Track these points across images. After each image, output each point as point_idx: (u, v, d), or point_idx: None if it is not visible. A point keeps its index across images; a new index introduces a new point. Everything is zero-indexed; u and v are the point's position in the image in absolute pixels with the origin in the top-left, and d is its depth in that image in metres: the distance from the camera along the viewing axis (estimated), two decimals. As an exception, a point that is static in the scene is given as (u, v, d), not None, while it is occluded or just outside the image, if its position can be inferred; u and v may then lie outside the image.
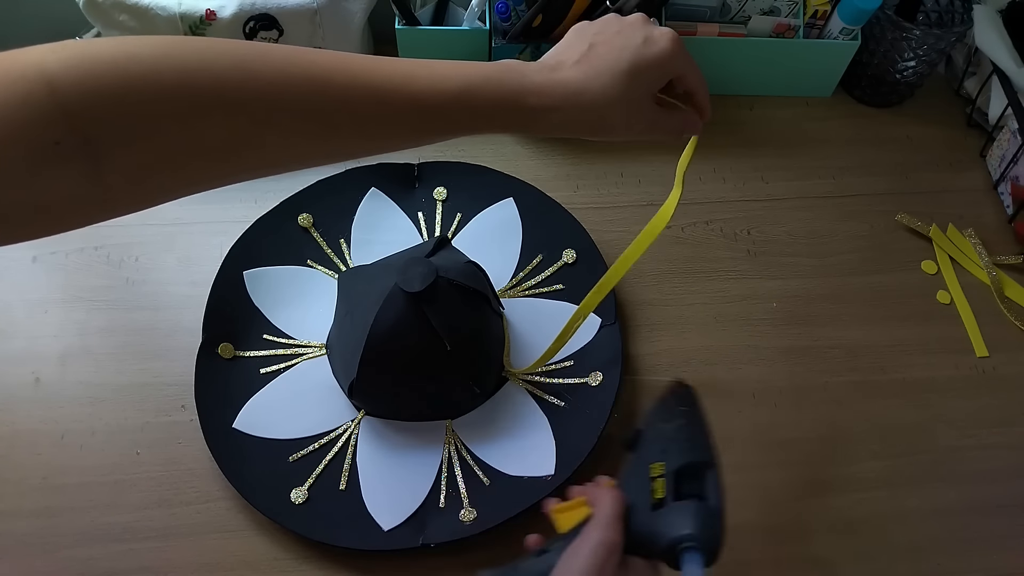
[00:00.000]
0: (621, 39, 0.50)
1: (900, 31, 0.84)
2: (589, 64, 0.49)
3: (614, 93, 0.49)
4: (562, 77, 0.48)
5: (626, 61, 0.49)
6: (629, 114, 0.51)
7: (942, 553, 0.67)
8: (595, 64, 0.49)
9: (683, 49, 0.51)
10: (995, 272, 0.81)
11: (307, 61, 0.42)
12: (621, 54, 0.49)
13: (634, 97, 0.50)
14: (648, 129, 0.53)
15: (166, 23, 0.76)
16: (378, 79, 0.44)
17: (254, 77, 0.40)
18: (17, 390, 0.71)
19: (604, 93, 0.49)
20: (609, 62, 0.49)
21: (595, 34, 0.51)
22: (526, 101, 0.47)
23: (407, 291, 0.62)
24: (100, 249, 0.79)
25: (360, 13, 0.82)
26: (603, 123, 0.50)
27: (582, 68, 0.49)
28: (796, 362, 0.76)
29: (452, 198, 0.81)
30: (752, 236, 0.83)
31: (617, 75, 0.49)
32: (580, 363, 0.73)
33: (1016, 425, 0.73)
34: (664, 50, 0.50)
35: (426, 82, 0.45)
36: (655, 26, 0.51)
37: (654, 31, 0.50)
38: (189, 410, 0.69)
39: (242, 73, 0.40)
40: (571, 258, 0.78)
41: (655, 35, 0.50)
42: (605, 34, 0.50)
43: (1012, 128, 0.83)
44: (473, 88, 0.46)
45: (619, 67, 0.49)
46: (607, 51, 0.49)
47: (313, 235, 0.79)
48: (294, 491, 0.66)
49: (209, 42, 0.41)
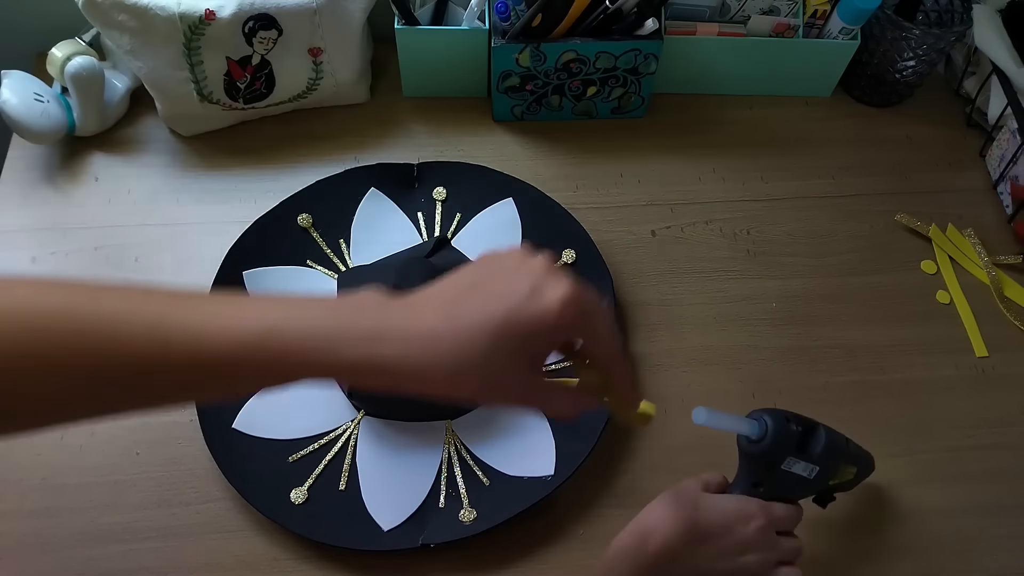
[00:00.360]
0: (503, 285, 0.41)
1: (900, 31, 0.84)
2: (456, 308, 0.40)
3: (471, 354, 0.39)
4: (418, 321, 0.40)
5: (498, 316, 0.39)
6: (488, 381, 0.40)
7: (942, 553, 0.67)
8: (463, 311, 0.40)
9: (584, 309, 0.41)
10: (995, 272, 0.81)
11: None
12: (496, 306, 0.40)
13: (497, 363, 0.40)
14: (521, 402, 0.43)
15: (165, 23, 0.76)
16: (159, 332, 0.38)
17: None
18: (16, 390, 0.71)
19: (458, 351, 0.39)
20: (477, 313, 0.40)
21: (484, 272, 0.42)
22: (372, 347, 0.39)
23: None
24: (99, 250, 0.79)
25: (360, 13, 0.82)
26: (455, 385, 0.40)
27: (446, 312, 0.40)
28: (796, 362, 0.76)
29: (452, 198, 0.81)
30: (752, 236, 0.83)
31: (482, 331, 0.39)
32: (580, 363, 0.73)
33: (1016, 425, 0.73)
34: (549, 310, 0.39)
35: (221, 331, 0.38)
36: (556, 275, 0.41)
37: (548, 282, 0.40)
38: (189, 410, 0.69)
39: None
40: (571, 258, 0.78)
41: (547, 288, 0.40)
42: (494, 274, 0.42)
43: (1011, 128, 0.83)
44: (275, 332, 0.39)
45: (488, 323, 0.39)
46: (483, 297, 0.40)
47: (312, 235, 0.79)
48: (294, 491, 0.66)
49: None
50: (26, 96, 0.79)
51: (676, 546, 0.50)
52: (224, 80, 0.81)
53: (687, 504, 0.51)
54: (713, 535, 0.51)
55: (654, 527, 0.50)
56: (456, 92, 0.90)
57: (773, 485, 0.56)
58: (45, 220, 0.81)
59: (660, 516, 0.51)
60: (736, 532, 0.52)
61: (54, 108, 0.80)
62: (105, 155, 0.85)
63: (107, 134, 0.86)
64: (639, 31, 0.81)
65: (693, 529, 0.50)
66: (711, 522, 0.51)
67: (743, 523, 0.52)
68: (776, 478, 0.55)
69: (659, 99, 0.92)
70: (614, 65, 0.83)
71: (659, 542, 0.49)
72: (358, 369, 0.39)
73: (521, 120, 0.90)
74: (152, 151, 0.86)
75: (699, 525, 0.51)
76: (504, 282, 0.41)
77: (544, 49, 0.81)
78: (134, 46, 0.78)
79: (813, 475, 0.56)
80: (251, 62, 0.80)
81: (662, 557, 0.49)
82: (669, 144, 0.89)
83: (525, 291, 0.40)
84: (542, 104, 0.88)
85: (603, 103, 0.88)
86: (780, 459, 0.54)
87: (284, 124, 0.88)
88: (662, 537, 0.49)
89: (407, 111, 0.90)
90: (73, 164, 0.84)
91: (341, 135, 0.87)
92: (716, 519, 0.52)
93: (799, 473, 0.56)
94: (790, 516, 0.56)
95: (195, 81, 0.80)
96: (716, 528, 0.51)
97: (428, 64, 0.87)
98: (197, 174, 0.84)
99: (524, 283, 0.40)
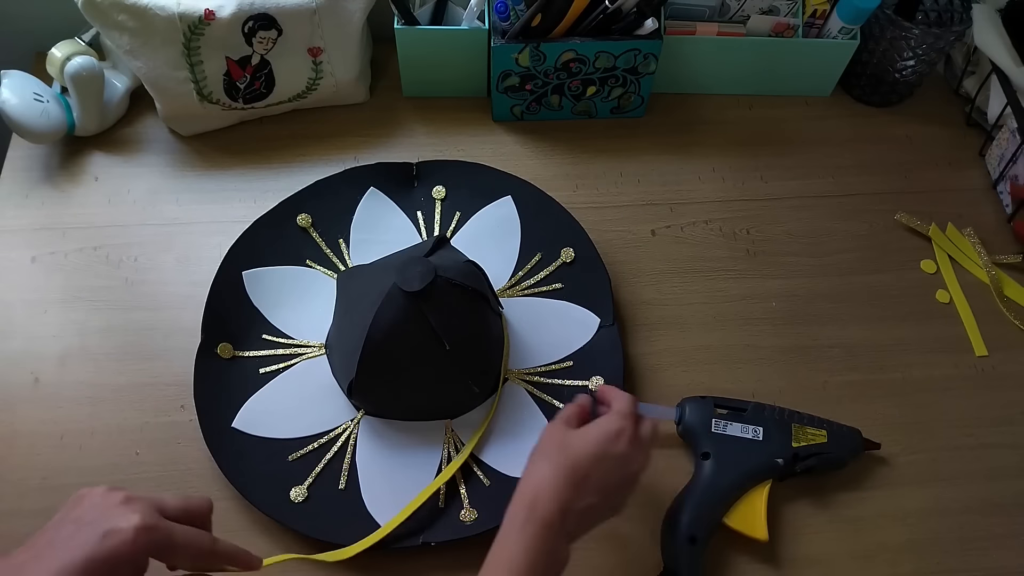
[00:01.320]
0: (80, 535, 0.45)
1: (899, 30, 0.84)
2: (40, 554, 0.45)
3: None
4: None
5: (80, 559, 0.44)
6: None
7: (942, 553, 0.67)
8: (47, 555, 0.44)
9: (151, 536, 0.46)
10: (994, 271, 0.81)
11: None
12: (76, 552, 0.44)
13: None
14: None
15: (165, 23, 0.76)
16: None
17: None
18: (16, 390, 0.71)
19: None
20: (63, 558, 0.44)
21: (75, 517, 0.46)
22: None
23: (406, 290, 0.62)
24: (99, 249, 0.79)
25: (359, 13, 0.82)
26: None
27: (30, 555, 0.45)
28: (795, 361, 0.76)
29: (451, 197, 0.81)
30: (751, 235, 0.83)
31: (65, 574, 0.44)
32: (580, 364, 0.73)
33: (1015, 424, 0.73)
34: (123, 543, 0.45)
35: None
36: (127, 509, 0.46)
37: (119, 522, 0.45)
38: (188, 410, 0.69)
39: None
40: (570, 257, 0.78)
41: (117, 527, 0.45)
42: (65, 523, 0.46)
43: (1011, 127, 0.83)
44: None
45: (72, 565, 0.44)
46: (64, 542, 0.45)
47: (312, 235, 0.79)
48: (294, 490, 0.66)
49: None
50: (26, 96, 0.79)
51: (564, 496, 0.51)
52: (224, 80, 0.81)
53: (557, 451, 0.54)
54: (593, 466, 0.53)
55: (537, 488, 0.52)
56: (456, 92, 0.90)
57: (718, 450, 0.65)
58: (45, 220, 0.81)
59: (539, 475, 0.52)
60: (612, 452, 0.54)
61: (54, 108, 0.80)
62: (105, 155, 0.85)
63: (107, 134, 0.86)
64: (639, 31, 0.81)
65: (573, 472, 0.52)
66: (586, 455, 0.53)
67: (614, 441, 0.55)
68: (715, 441, 0.66)
69: (659, 99, 0.92)
70: (613, 65, 0.83)
71: (547, 500, 0.51)
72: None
73: (521, 120, 0.90)
74: (152, 151, 0.86)
75: (577, 465, 0.53)
76: (79, 532, 0.45)
77: (544, 49, 0.81)
78: (134, 46, 0.78)
79: (761, 436, 0.66)
80: (251, 62, 0.80)
81: (556, 512, 0.50)
82: (669, 144, 0.89)
83: (98, 535, 0.45)
84: (542, 104, 0.88)
85: (603, 103, 0.88)
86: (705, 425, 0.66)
87: (284, 124, 0.88)
88: (548, 495, 0.51)
89: (407, 111, 0.90)
90: (73, 164, 0.84)
91: (341, 135, 0.87)
92: (590, 451, 0.54)
93: (739, 435, 0.66)
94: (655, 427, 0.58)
95: (195, 81, 0.80)
96: (593, 459, 0.53)
97: (428, 64, 0.87)
98: (197, 174, 0.84)
99: (97, 529, 0.45)
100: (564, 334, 0.75)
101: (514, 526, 0.51)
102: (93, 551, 0.44)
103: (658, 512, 0.66)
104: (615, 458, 0.54)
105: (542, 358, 0.73)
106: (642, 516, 0.67)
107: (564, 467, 0.52)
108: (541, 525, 0.50)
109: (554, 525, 0.50)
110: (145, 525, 0.46)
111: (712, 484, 0.65)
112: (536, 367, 0.73)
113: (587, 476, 0.53)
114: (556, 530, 0.50)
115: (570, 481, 0.52)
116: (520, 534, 0.50)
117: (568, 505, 0.51)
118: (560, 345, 0.74)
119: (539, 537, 0.50)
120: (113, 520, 0.46)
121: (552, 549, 0.50)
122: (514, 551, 0.49)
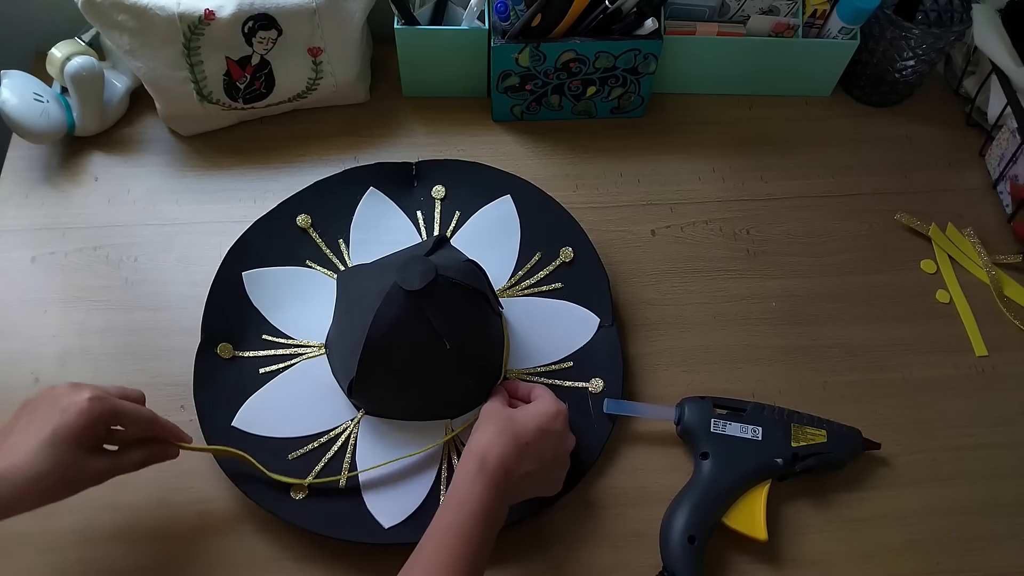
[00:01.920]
0: (40, 416, 0.54)
1: (899, 30, 0.84)
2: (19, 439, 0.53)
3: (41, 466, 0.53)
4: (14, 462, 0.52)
5: (47, 432, 0.53)
6: (70, 478, 0.55)
7: (942, 553, 0.67)
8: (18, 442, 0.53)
9: (102, 404, 0.55)
10: (994, 271, 0.81)
11: None
12: (43, 428, 0.53)
13: (66, 460, 0.54)
14: (103, 478, 0.57)
15: (165, 23, 0.76)
16: None
17: None
18: (16, 390, 0.71)
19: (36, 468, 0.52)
20: (36, 434, 0.53)
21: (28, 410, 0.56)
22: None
23: (406, 289, 0.62)
24: (99, 249, 0.79)
25: (359, 13, 0.82)
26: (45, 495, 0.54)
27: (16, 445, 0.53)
28: (795, 361, 0.76)
29: (451, 196, 0.81)
30: (751, 235, 0.83)
31: (40, 447, 0.53)
32: (580, 365, 0.73)
33: (1015, 424, 0.73)
34: (80, 412, 0.54)
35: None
36: (76, 389, 0.56)
37: (72, 397, 0.55)
38: (188, 410, 0.69)
39: None
40: (569, 257, 0.78)
41: (72, 401, 0.54)
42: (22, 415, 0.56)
43: (1011, 127, 0.83)
44: None
45: (41, 439, 0.53)
46: (26, 426, 0.54)
47: (312, 235, 0.79)
48: (294, 489, 0.66)
49: None
50: (26, 96, 0.79)
51: (509, 458, 0.58)
52: (224, 80, 0.81)
53: (504, 420, 0.60)
54: (535, 439, 0.60)
55: (487, 447, 0.58)
56: (456, 92, 0.90)
57: (717, 450, 0.66)
58: (45, 220, 0.81)
59: (488, 437, 0.59)
60: (551, 429, 0.61)
61: (54, 108, 0.80)
62: (105, 155, 0.85)
63: (107, 134, 0.86)
64: (639, 31, 0.81)
65: (516, 438, 0.59)
66: (529, 429, 0.60)
67: (553, 420, 0.62)
68: (714, 441, 0.66)
69: (658, 99, 0.92)
70: (613, 65, 0.83)
71: (495, 457, 0.57)
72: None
73: (521, 120, 0.90)
74: (152, 151, 0.86)
75: (520, 432, 0.60)
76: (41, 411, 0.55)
77: (544, 49, 0.81)
78: (134, 46, 0.78)
79: (760, 436, 0.66)
80: (251, 62, 0.80)
81: (500, 470, 0.57)
82: (668, 144, 0.89)
83: (58, 410, 0.54)
84: (542, 104, 0.88)
85: (602, 103, 0.88)
86: (704, 425, 0.67)
87: (284, 124, 0.88)
88: (496, 453, 0.57)
89: (407, 111, 0.90)
90: (73, 164, 0.84)
91: (341, 135, 0.87)
92: (532, 423, 0.61)
93: (739, 435, 0.66)
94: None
95: (195, 81, 0.80)
96: (535, 431, 0.60)
97: (428, 64, 0.87)
98: (197, 174, 0.84)
99: (56, 406, 0.55)
100: (564, 334, 0.75)
101: (466, 477, 0.56)
102: (57, 424, 0.53)
103: (657, 512, 0.66)
104: (553, 434, 0.62)
105: (542, 358, 0.73)
106: (642, 516, 0.67)
107: (509, 432, 0.59)
108: (488, 478, 0.56)
109: (499, 482, 0.56)
110: (95, 396, 0.55)
111: (711, 484, 0.65)
112: (536, 367, 0.73)
113: (528, 444, 0.59)
114: (501, 487, 0.56)
115: (514, 445, 0.58)
116: (472, 483, 0.56)
117: (510, 467, 0.57)
118: (560, 345, 0.74)
119: (486, 488, 0.56)
120: (67, 398, 0.55)
121: (495, 504, 0.56)
122: (464, 497, 0.55)
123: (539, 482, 0.62)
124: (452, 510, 0.55)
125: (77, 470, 0.55)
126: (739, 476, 0.65)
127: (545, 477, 0.62)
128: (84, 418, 0.54)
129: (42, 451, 0.53)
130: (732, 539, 0.65)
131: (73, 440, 0.54)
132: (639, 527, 0.66)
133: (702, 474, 0.65)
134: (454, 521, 0.54)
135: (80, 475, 0.55)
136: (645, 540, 0.66)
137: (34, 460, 0.52)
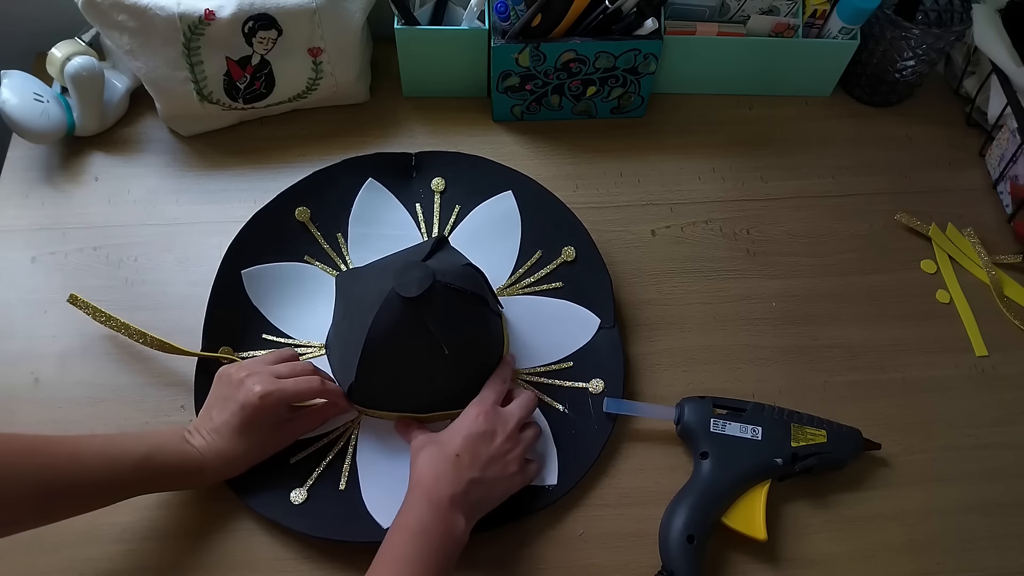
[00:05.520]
0: (227, 409, 0.63)
1: (899, 30, 0.84)
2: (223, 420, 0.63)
3: (242, 449, 0.63)
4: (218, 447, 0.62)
5: (236, 423, 0.63)
6: (264, 450, 0.65)
7: (942, 553, 0.67)
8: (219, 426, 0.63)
9: (272, 397, 0.63)
10: (994, 271, 0.81)
11: None
12: (232, 420, 0.63)
13: (257, 441, 0.64)
14: (286, 442, 0.67)
15: (165, 23, 0.76)
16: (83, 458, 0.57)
17: None
18: (16, 390, 0.71)
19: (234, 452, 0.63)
20: (229, 423, 0.63)
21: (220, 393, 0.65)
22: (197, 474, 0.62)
23: (404, 296, 0.62)
24: (99, 249, 0.79)
25: (359, 13, 0.82)
26: (248, 465, 0.65)
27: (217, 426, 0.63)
28: (795, 361, 0.76)
29: (450, 189, 0.81)
30: (751, 235, 0.83)
31: (232, 434, 0.63)
32: (580, 365, 0.73)
33: (1015, 424, 0.73)
34: (256, 410, 0.62)
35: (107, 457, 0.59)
36: (250, 383, 0.63)
37: (246, 395, 0.62)
38: (188, 410, 0.69)
39: None
40: (570, 256, 0.78)
41: (247, 400, 0.62)
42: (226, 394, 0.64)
43: (1011, 127, 0.83)
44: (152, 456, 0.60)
45: (233, 426, 0.63)
46: (220, 414, 0.63)
47: (311, 229, 0.79)
48: (294, 492, 0.66)
49: None
50: (26, 96, 0.79)
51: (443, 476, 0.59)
52: (224, 80, 0.81)
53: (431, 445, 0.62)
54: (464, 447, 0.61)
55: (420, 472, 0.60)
56: (456, 92, 0.90)
57: (716, 450, 0.66)
58: (45, 220, 0.81)
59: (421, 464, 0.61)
60: (476, 432, 0.62)
61: (54, 108, 0.80)
62: (105, 155, 0.85)
63: (107, 134, 0.86)
64: (639, 31, 0.81)
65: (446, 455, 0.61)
66: (455, 441, 0.62)
67: (473, 422, 0.63)
68: (714, 441, 0.66)
69: (659, 99, 0.92)
70: (613, 65, 0.83)
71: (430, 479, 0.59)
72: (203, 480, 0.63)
73: (521, 120, 0.90)
74: (152, 151, 0.86)
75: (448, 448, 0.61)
76: (227, 400, 0.64)
77: (544, 49, 0.81)
78: (134, 46, 0.78)
79: (760, 436, 0.66)
80: (251, 62, 0.80)
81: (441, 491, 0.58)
82: (669, 144, 0.89)
83: (238, 406, 0.63)
84: (542, 104, 0.88)
85: (603, 103, 0.88)
86: (703, 425, 0.67)
87: (284, 124, 0.88)
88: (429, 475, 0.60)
89: (407, 111, 0.90)
90: (73, 164, 0.84)
91: (341, 135, 0.87)
92: (457, 436, 0.62)
93: (738, 435, 0.66)
94: (524, 409, 0.66)
95: (195, 81, 0.80)
96: (461, 442, 0.61)
97: (428, 64, 0.87)
98: (197, 174, 0.84)
99: (238, 394, 0.63)
100: (564, 334, 0.75)
101: (407, 504, 0.59)
102: (241, 418, 0.62)
103: (657, 512, 0.66)
104: (480, 435, 0.62)
105: (542, 358, 0.73)
106: (641, 516, 0.67)
107: (438, 454, 0.61)
108: (427, 501, 0.58)
109: (441, 502, 0.58)
110: (265, 392, 0.62)
111: (710, 484, 0.65)
112: (536, 367, 0.73)
113: (458, 455, 0.61)
114: (443, 506, 0.58)
115: (444, 463, 0.60)
116: (412, 509, 0.58)
117: (450, 482, 0.59)
118: (560, 345, 0.74)
119: (428, 510, 0.58)
120: (242, 394, 0.63)
121: (440, 520, 0.57)
122: (407, 520, 0.58)
123: (493, 484, 0.62)
124: (394, 531, 0.58)
125: (262, 449, 0.65)
126: (739, 476, 0.65)
127: (495, 477, 0.62)
128: (261, 413, 0.63)
129: (235, 438, 0.62)
130: (732, 539, 0.65)
131: (259, 425, 0.63)
132: (639, 527, 0.66)
133: (702, 474, 0.65)
134: (397, 541, 0.57)
135: (265, 450, 0.65)
136: (645, 540, 0.66)
137: (232, 445, 0.63)
